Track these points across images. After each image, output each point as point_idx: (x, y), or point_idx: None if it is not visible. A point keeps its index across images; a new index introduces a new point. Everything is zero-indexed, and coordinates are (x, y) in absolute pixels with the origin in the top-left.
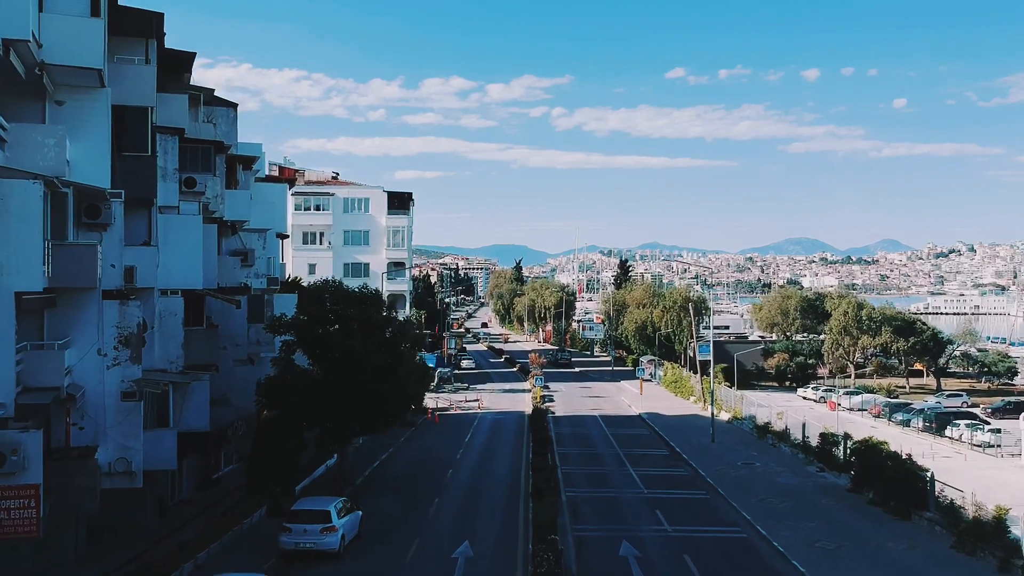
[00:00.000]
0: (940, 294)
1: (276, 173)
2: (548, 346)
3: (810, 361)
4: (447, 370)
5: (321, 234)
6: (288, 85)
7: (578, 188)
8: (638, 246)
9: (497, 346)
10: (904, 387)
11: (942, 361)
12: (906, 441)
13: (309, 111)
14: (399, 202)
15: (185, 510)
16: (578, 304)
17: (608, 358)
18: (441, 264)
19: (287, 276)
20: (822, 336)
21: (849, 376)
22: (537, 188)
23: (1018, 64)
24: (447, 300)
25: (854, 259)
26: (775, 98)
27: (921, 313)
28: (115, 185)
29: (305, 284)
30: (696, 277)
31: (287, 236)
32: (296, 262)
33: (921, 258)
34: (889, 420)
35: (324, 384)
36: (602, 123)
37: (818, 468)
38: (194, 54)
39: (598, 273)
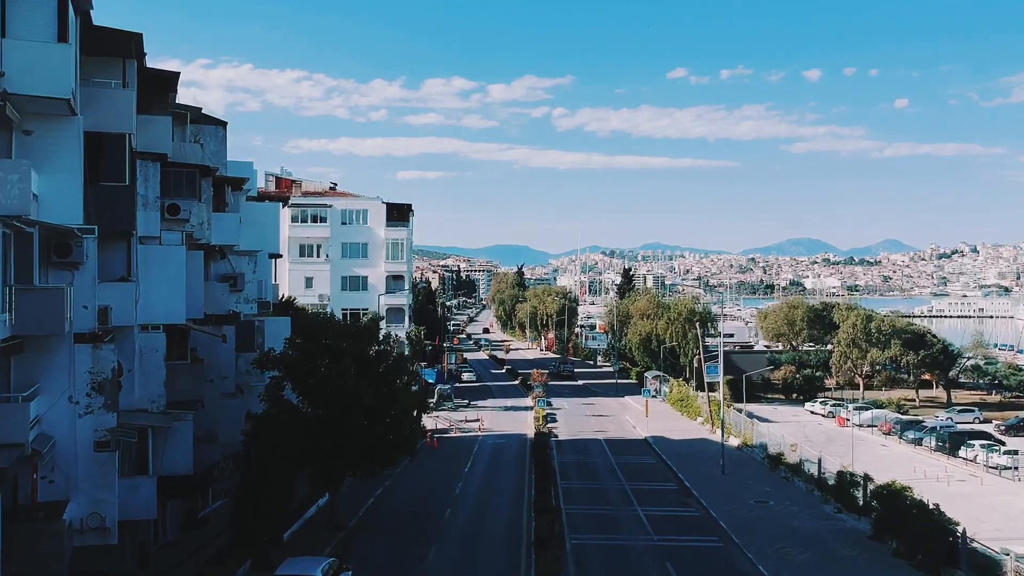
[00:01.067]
0: (943, 295)
1: (272, 183)
2: (550, 354)
3: (817, 374)
4: (447, 387)
5: (318, 247)
6: (290, 85)
7: (580, 188)
8: (640, 246)
9: (499, 355)
10: (913, 400)
11: (952, 373)
12: (919, 461)
13: (310, 111)
14: (398, 213)
15: (169, 555)
16: (580, 308)
17: (611, 369)
18: (442, 266)
19: (280, 296)
20: (829, 346)
21: (858, 387)
22: (539, 188)
23: (1019, 64)
24: (448, 303)
25: (856, 260)
26: (777, 98)
27: (925, 316)
28: (90, 217)
29: (301, 302)
30: (699, 279)
31: (280, 256)
32: (292, 276)
33: (924, 259)
34: (900, 438)
35: (314, 424)
36: (604, 123)
37: (836, 508)
38: (178, 74)
39: (600, 274)
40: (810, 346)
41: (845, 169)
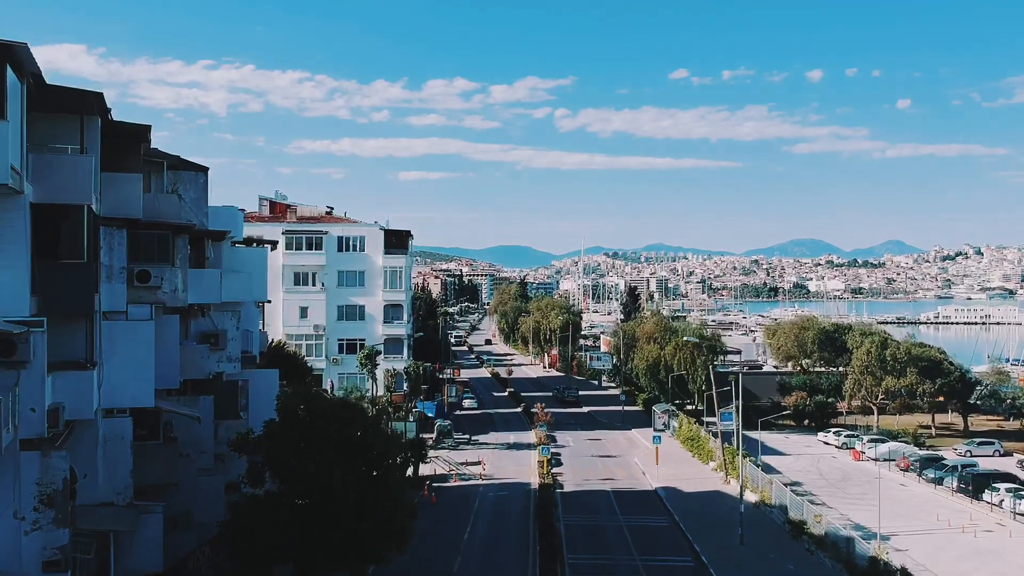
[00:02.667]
0: (948, 298)
1: (266, 207)
2: (554, 372)
3: (829, 400)
4: (447, 423)
5: (313, 275)
6: (292, 86)
7: (582, 189)
8: (643, 247)
9: (502, 374)
10: (929, 427)
11: (970, 400)
12: (940, 505)
13: (313, 112)
14: (396, 240)
15: None
16: (584, 316)
17: (616, 391)
18: (445, 271)
19: (270, 342)
20: (841, 368)
21: (871, 412)
22: (541, 189)
23: (1020, 65)
24: (450, 310)
25: (860, 261)
26: (779, 99)
27: (931, 323)
28: (44, 301)
29: (296, 332)
30: (703, 281)
31: (269, 301)
32: (286, 306)
33: (928, 261)
34: (920, 476)
35: (297, 521)
36: (606, 124)
37: None
38: (149, 127)
39: (602, 276)
40: (821, 367)
41: (848, 170)
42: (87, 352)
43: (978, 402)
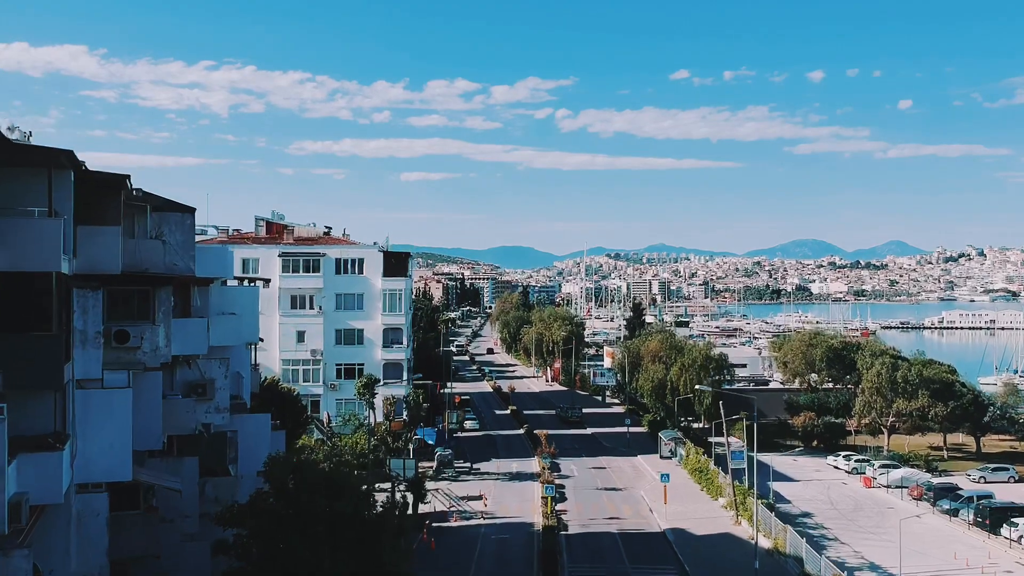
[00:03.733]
0: (951, 300)
1: (263, 228)
2: (557, 386)
3: (838, 420)
4: (448, 452)
5: (311, 298)
6: (293, 87)
7: (584, 189)
8: (645, 248)
9: (504, 389)
10: (941, 449)
11: (983, 420)
12: (956, 539)
13: (314, 112)
14: (396, 262)
15: None
16: (587, 323)
17: (621, 408)
18: (446, 275)
19: (263, 380)
20: (850, 385)
21: (882, 433)
22: (543, 190)
23: (1022, 66)
24: (452, 315)
25: (862, 263)
26: (780, 99)
27: (935, 327)
28: (6, 376)
29: (292, 357)
30: (705, 283)
31: (261, 340)
32: (283, 330)
33: (931, 262)
34: (933, 506)
35: None
36: (607, 124)
37: None
38: (128, 176)
39: (604, 278)
40: (829, 384)
41: (849, 170)
42: (57, 425)
43: (990, 422)
